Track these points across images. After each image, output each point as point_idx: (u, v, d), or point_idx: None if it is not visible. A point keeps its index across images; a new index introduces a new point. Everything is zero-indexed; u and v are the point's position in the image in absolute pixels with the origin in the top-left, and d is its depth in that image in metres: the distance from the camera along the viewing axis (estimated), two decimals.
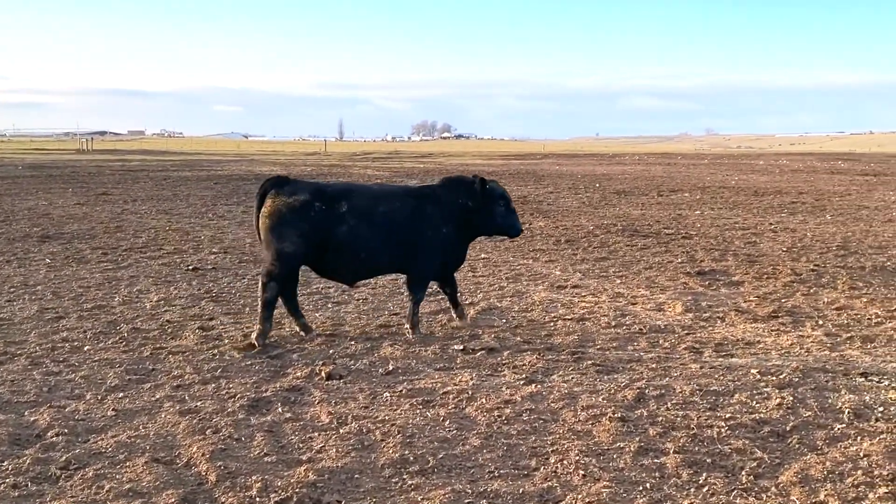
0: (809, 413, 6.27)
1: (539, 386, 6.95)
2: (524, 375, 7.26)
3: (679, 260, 13.75)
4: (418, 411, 6.36)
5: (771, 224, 19.19)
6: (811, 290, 11.17)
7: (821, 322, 9.35)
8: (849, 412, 6.27)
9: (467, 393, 6.77)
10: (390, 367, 7.51)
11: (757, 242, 15.99)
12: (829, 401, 6.55)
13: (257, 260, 13.51)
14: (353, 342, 8.40)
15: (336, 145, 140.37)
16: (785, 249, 14.94)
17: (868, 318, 9.50)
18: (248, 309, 9.94)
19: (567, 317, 9.60)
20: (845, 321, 9.41)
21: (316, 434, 5.89)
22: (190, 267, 12.81)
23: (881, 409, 6.37)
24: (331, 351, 8.08)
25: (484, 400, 6.59)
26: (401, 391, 6.85)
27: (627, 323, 9.26)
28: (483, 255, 14.17)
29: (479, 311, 9.94)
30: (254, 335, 8.32)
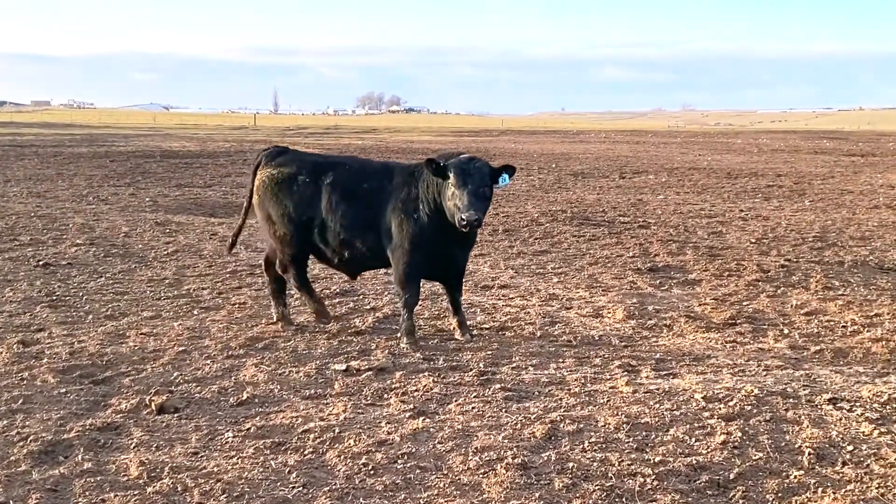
0: (760, 455, 5.49)
1: (428, 420, 6.09)
2: (412, 406, 6.40)
3: (630, 254, 13.01)
4: (262, 459, 5.45)
5: (741, 211, 18.60)
6: (778, 291, 10.47)
7: (786, 331, 8.62)
8: (809, 453, 5.49)
9: (333, 431, 5.88)
10: (244, 396, 6.60)
11: (723, 233, 15.34)
12: (787, 437, 5.78)
13: (127, 253, 12.57)
14: (208, 361, 7.48)
15: (269, 118, 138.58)
16: (753, 241, 14.29)
17: (842, 326, 8.80)
18: (91, 317, 8.95)
19: (485, 325, 8.77)
20: (815, 329, 8.69)
21: (112, 495, 4.94)
22: (40, 262, 11.77)
23: (850, 448, 5.61)
24: (176, 373, 7.15)
25: (352, 441, 5.71)
26: (248, 430, 5.95)
27: (555, 333, 8.45)
28: None
29: (378, 318, 9.06)
30: (313, 317, 8.80)
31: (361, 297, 10.00)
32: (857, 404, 6.40)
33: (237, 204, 18.89)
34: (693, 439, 5.74)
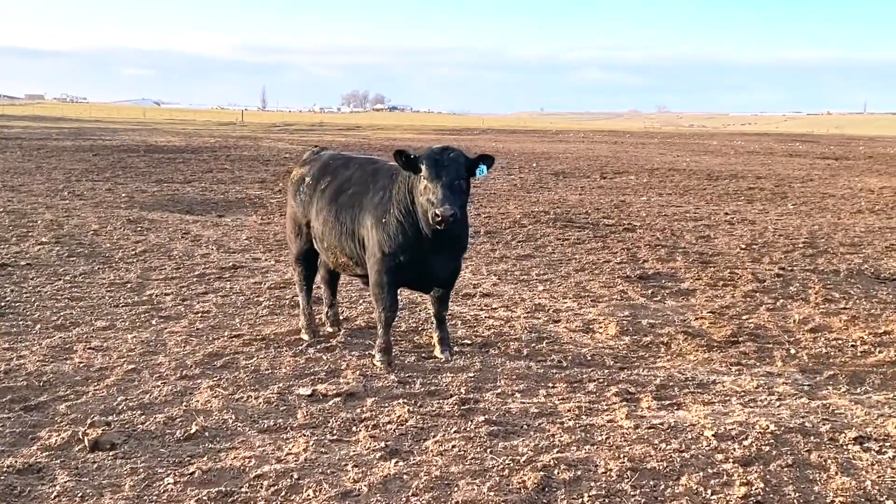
0: None
1: (402, 463, 5.07)
2: (384, 443, 5.36)
3: (618, 259, 12.03)
4: None
5: (727, 214, 17.69)
6: (777, 303, 9.51)
7: (793, 351, 7.66)
8: None
9: (290, 478, 4.85)
10: (193, 429, 5.55)
11: (711, 237, 14.38)
12: (815, 489, 4.80)
13: (93, 253, 11.50)
14: (158, 383, 6.44)
15: (257, 115, 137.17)
16: (744, 247, 13.34)
17: (851, 346, 7.84)
18: (39, 326, 7.89)
19: (465, 341, 7.75)
20: (823, 349, 7.73)
21: None
22: None
23: (890, 502, 4.64)
24: (120, 398, 6.11)
25: (311, 492, 4.68)
26: (191, 474, 4.90)
27: (544, 352, 7.45)
28: None
29: (351, 329, 8.05)
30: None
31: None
32: (887, 444, 5.44)
33: (215, 201, 17.87)
34: (709, 491, 4.75)
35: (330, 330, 7.98)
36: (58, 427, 5.58)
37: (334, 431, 5.59)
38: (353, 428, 5.65)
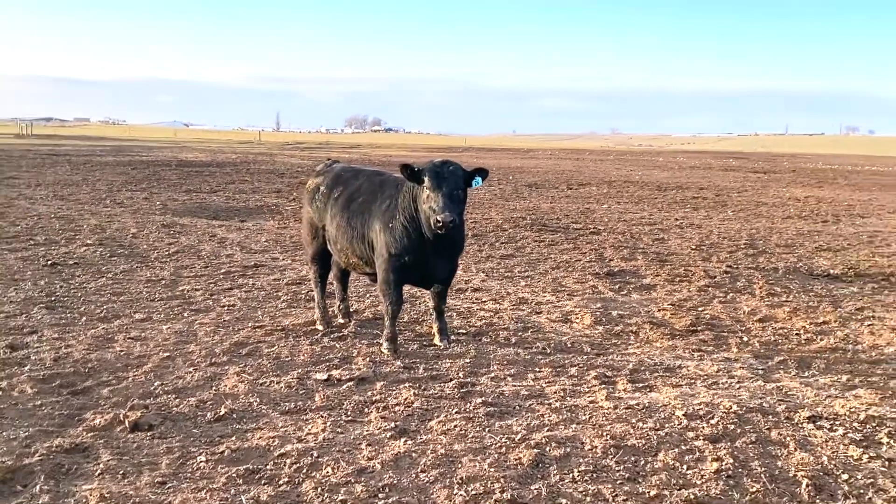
0: (757, 486, 4.28)
1: (410, 442, 4.81)
2: (394, 423, 5.10)
3: (588, 258, 11.78)
4: (232, 492, 4.16)
5: (676, 219, 17.46)
6: (728, 297, 9.30)
7: (745, 339, 7.44)
8: (807, 485, 4.29)
9: (311, 456, 4.58)
10: (222, 411, 5.27)
11: (665, 239, 14.16)
12: (779, 463, 4.57)
13: (132, 253, 11.14)
14: (191, 369, 6.15)
15: (272, 135, 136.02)
16: (694, 247, 13.12)
17: (796, 334, 7.63)
18: (84, 319, 7.58)
19: (461, 331, 7.49)
20: (772, 337, 7.52)
21: None
22: (49, 262, 10.31)
23: (846, 477, 4.42)
24: (157, 383, 5.81)
25: (330, 469, 4.42)
26: (222, 453, 4.63)
27: (530, 340, 7.20)
28: None
29: (360, 321, 7.77)
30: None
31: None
32: (837, 422, 5.21)
33: (237, 208, 17.52)
34: (685, 466, 4.51)
35: (342, 321, 7.70)
36: (101, 409, 5.29)
37: (349, 413, 5.32)
38: (366, 409, 5.39)
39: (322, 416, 5.22)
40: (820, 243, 14.04)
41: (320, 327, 7.43)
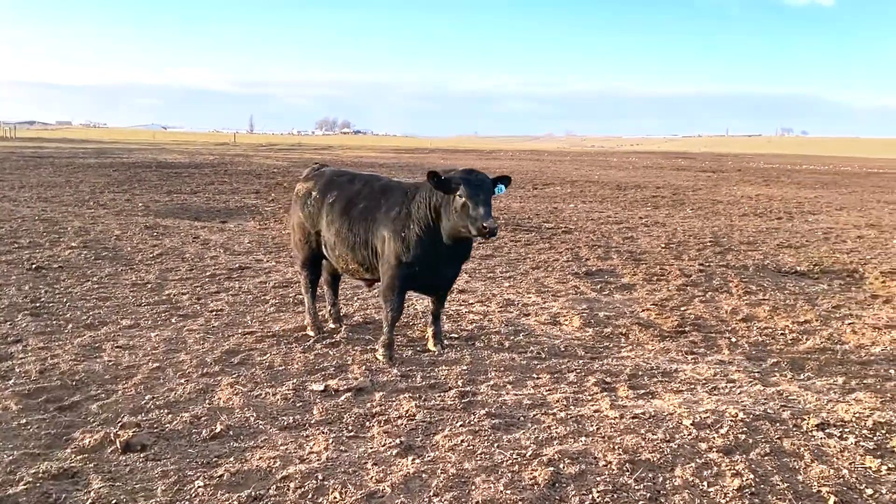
0: None
1: (418, 460, 4.32)
2: (398, 439, 4.60)
3: (565, 258, 11.35)
4: None
5: (641, 218, 17.13)
6: (707, 296, 8.93)
7: (733, 339, 7.06)
8: (835, 502, 3.89)
9: (316, 479, 4.07)
10: (218, 428, 4.73)
11: (634, 238, 13.79)
12: (799, 477, 4.17)
13: (116, 256, 10.47)
14: (182, 381, 5.58)
15: (247, 137, 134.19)
16: (664, 246, 12.77)
17: (781, 334, 7.27)
18: (70, 326, 6.96)
19: (453, 335, 7.00)
20: (759, 337, 7.15)
21: None
22: (33, 266, 9.60)
23: (870, 491, 4.02)
24: (148, 396, 5.25)
25: (338, 494, 3.90)
26: (221, 476, 4.09)
27: (523, 344, 6.73)
28: None
29: (351, 326, 7.24)
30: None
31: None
32: (847, 430, 4.83)
33: (218, 209, 16.81)
34: (705, 483, 4.08)
35: (332, 326, 7.17)
36: (90, 428, 4.72)
37: (350, 427, 4.81)
38: (367, 423, 4.88)
39: (323, 432, 4.70)
40: (780, 240, 13.80)
41: (312, 333, 6.90)
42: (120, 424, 4.70)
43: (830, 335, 7.19)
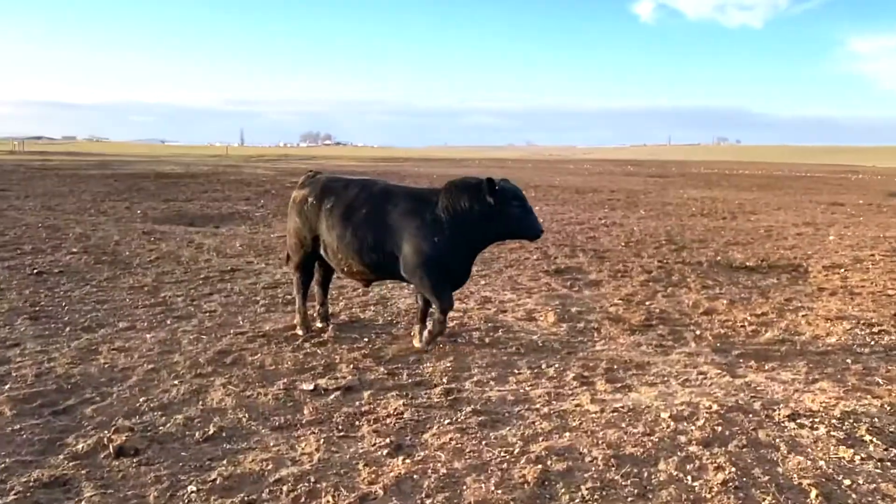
0: (769, 499, 3.55)
1: (409, 460, 3.94)
2: (388, 438, 4.23)
3: (535, 257, 11.02)
4: None
5: (601, 219, 16.87)
6: (668, 291, 8.65)
7: (698, 332, 6.77)
8: (817, 494, 3.59)
9: (308, 481, 3.68)
10: (211, 430, 4.32)
11: (597, 237, 13.51)
12: (779, 470, 3.86)
13: (115, 261, 9.95)
14: (176, 382, 5.16)
15: (238, 149, 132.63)
16: (624, 244, 12.50)
17: (742, 326, 6.99)
18: (68, 329, 6.48)
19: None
20: (721, 330, 6.87)
21: None
22: (35, 271, 9.06)
23: (848, 482, 3.73)
24: (142, 399, 4.82)
25: (331, 498, 3.52)
26: (214, 481, 3.68)
27: (503, 340, 6.38)
28: None
29: (338, 325, 6.83)
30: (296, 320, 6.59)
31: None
32: (817, 420, 4.54)
33: (211, 215, 16.26)
34: (689, 477, 3.76)
35: (320, 325, 6.76)
36: (84, 432, 4.29)
37: (340, 427, 4.42)
38: (357, 422, 4.49)
39: (314, 432, 4.31)
40: (728, 238, 13.61)
41: (301, 332, 6.49)
42: (114, 428, 4.27)
43: (787, 327, 6.94)
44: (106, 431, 4.24)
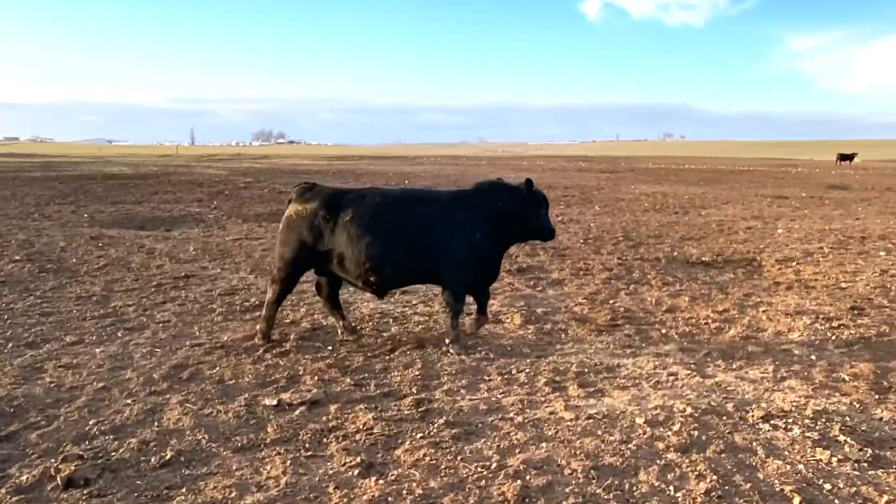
0: None
1: (381, 480, 3.72)
2: (359, 456, 4.00)
3: None
4: None
5: (558, 216, 16.79)
6: (631, 288, 8.60)
7: (664, 331, 6.69)
8: (800, 501, 3.49)
9: None
10: (168, 454, 4.02)
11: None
12: (759, 475, 3.76)
13: (61, 268, 9.45)
14: (129, 401, 4.83)
15: (188, 149, 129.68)
16: (583, 241, 12.46)
17: (706, 324, 6.95)
18: (10, 345, 6.06)
19: (402, 338, 6.41)
20: (685, 328, 6.81)
21: None
22: None
23: (828, 486, 3.65)
24: (92, 421, 4.48)
25: None
26: None
27: (470, 344, 6.18)
28: None
29: (300, 333, 6.55)
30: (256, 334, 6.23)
31: (279, 309, 7.42)
32: (790, 420, 4.47)
33: (162, 217, 15.69)
34: (671, 488, 3.63)
35: (350, 337, 6.38)
36: (29, 462, 3.94)
37: (307, 446, 4.17)
38: (324, 440, 4.25)
39: (279, 453, 4.05)
40: (682, 233, 13.69)
41: (260, 341, 6.18)
42: (62, 456, 3.94)
43: (749, 323, 6.92)
44: (53, 460, 3.92)
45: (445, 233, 5.91)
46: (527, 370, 5.49)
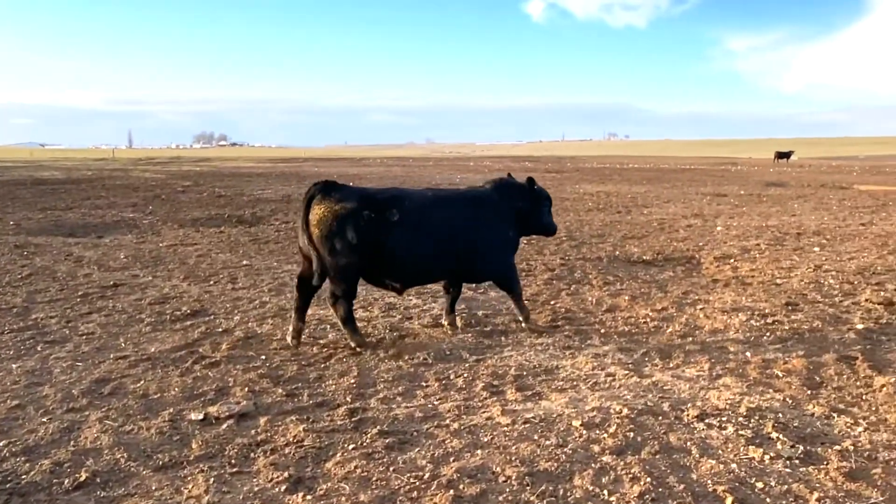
0: None
1: (309, 496, 3.58)
2: (287, 471, 3.85)
3: None
4: None
5: None
6: (572, 288, 8.63)
7: (603, 331, 6.71)
8: (732, 501, 3.50)
9: None
10: (83, 475, 3.80)
11: None
12: (693, 476, 3.76)
13: None
14: (45, 419, 4.57)
15: (126, 152, 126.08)
16: (525, 241, 12.47)
17: (644, 322, 7.00)
18: None
19: (339, 345, 6.27)
20: (624, 327, 6.84)
21: None
22: None
23: (760, 485, 3.67)
24: (2, 443, 4.20)
25: None
26: None
27: (409, 349, 6.08)
28: (245, 262, 10.42)
29: (233, 342, 6.34)
30: (352, 344, 6.10)
31: (212, 318, 7.20)
32: (724, 419, 4.51)
33: (94, 224, 15.13)
34: (605, 492, 3.60)
35: (293, 342, 6.20)
36: None
37: (233, 462, 4.00)
38: (251, 455, 4.08)
39: (202, 470, 3.87)
40: (624, 232, 13.87)
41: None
42: None
43: (687, 321, 7.00)
44: None
45: (483, 230, 6.31)
46: (465, 375, 5.42)
